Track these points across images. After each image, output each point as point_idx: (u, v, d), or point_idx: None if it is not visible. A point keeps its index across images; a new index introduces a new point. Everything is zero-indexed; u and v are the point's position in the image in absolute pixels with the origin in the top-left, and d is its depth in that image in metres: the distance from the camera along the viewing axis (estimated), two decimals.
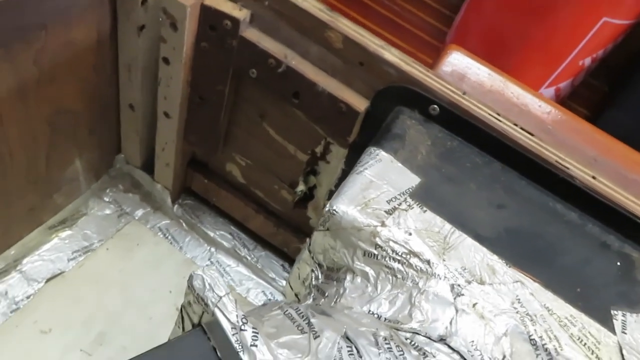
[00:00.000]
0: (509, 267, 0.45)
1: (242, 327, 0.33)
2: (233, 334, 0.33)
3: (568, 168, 0.50)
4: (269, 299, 0.81)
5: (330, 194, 0.67)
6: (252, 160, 0.75)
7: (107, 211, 0.83)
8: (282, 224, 0.80)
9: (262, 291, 0.82)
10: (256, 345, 0.33)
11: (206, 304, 0.34)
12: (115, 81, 0.70)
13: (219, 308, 0.34)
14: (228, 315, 0.34)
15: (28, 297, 0.72)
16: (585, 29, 1.06)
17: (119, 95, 0.72)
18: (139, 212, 0.85)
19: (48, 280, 0.74)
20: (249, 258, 0.84)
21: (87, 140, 0.73)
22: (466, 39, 1.28)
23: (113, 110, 0.74)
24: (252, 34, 0.58)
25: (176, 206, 0.85)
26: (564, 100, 1.30)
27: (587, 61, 1.14)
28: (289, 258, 0.84)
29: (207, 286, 0.35)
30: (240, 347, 0.33)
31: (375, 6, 1.44)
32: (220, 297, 0.34)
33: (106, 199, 0.84)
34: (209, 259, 0.83)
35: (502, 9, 1.18)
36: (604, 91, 1.36)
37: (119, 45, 0.65)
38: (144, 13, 0.61)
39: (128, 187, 0.86)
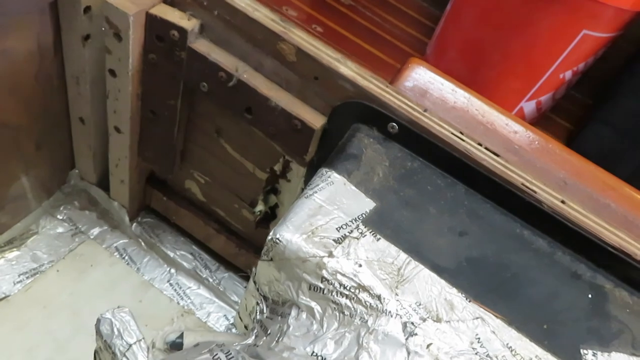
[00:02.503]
0: (469, 301, 0.41)
1: None
2: None
3: (535, 192, 0.46)
4: (231, 324, 0.77)
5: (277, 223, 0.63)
6: (211, 177, 0.71)
7: (60, 229, 0.78)
8: (244, 245, 0.75)
9: (224, 315, 0.77)
10: None
11: (114, 353, 0.30)
12: (63, 93, 0.66)
13: (127, 358, 0.30)
14: None
15: None
16: (565, 42, 1.03)
17: (68, 108, 0.68)
18: (95, 231, 0.80)
19: None
20: (210, 280, 0.79)
21: (34, 156, 0.68)
22: (446, 51, 1.25)
23: (63, 124, 0.69)
24: (202, 46, 0.54)
25: (134, 224, 0.81)
26: (546, 114, 1.27)
27: (568, 74, 1.11)
28: None
29: (116, 332, 0.30)
30: None
31: (354, 17, 1.41)
32: (130, 346, 0.30)
33: (59, 217, 0.79)
34: (168, 281, 0.78)
35: (481, 21, 1.15)
36: (587, 104, 1.34)
37: (65, 56, 0.61)
38: (88, 22, 0.57)
39: (84, 204, 0.81)
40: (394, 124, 0.49)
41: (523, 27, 1.05)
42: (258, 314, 0.44)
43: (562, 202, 0.46)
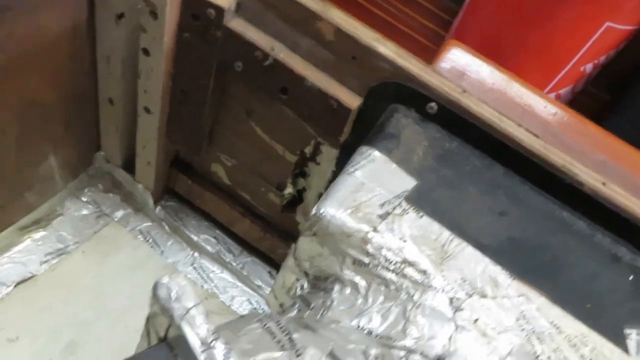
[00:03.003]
0: (513, 279, 0.41)
1: (212, 344, 0.29)
2: (202, 351, 0.29)
3: (576, 173, 0.46)
4: (254, 308, 0.77)
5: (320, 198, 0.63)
6: (238, 160, 0.71)
7: (85, 212, 0.79)
8: (269, 229, 0.75)
9: (248, 299, 0.78)
10: None
11: (172, 317, 0.30)
12: (93, 74, 0.66)
13: (186, 321, 0.30)
14: (196, 330, 0.29)
15: None
16: (588, 34, 1.03)
17: (97, 88, 0.68)
18: (119, 214, 0.80)
19: (18, 284, 0.70)
20: (234, 264, 0.79)
21: (62, 136, 0.68)
22: (464, 42, 1.25)
23: (91, 105, 0.69)
24: (238, 25, 0.54)
25: (158, 208, 0.81)
26: None
27: (589, 67, 1.11)
28: (276, 264, 0.79)
29: (174, 296, 0.30)
30: None
31: (372, 8, 1.40)
32: (188, 309, 0.30)
33: (84, 199, 0.79)
34: (192, 265, 0.79)
35: (500, 13, 1.15)
36: (605, 99, 1.33)
37: (97, 35, 0.61)
38: (122, 0, 0.57)
39: (108, 186, 0.81)
40: (433, 104, 0.49)
41: (544, 19, 1.05)
42: (298, 289, 0.44)
43: (603, 184, 0.46)
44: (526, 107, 0.50)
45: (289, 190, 0.66)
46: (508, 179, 0.48)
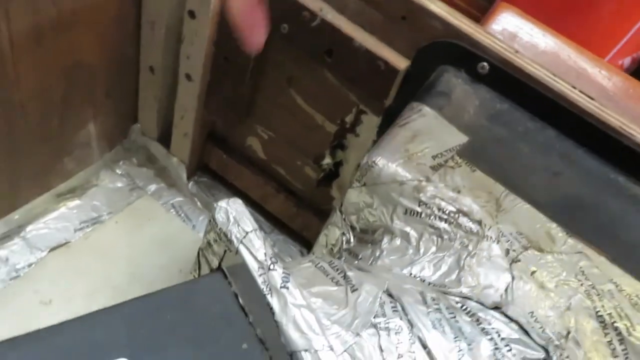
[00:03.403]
0: (570, 237, 0.40)
1: (271, 267, 0.28)
2: (260, 275, 0.28)
3: (634, 135, 0.45)
4: None
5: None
6: (275, 133, 0.71)
7: (119, 184, 0.79)
8: (303, 205, 0.74)
9: None
10: (287, 288, 0.28)
11: (229, 240, 0.29)
12: (136, 40, 0.66)
13: (244, 244, 0.29)
14: (255, 253, 0.29)
15: (29, 266, 0.68)
16: (629, 25, 1.01)
17: (139, 57, 0.68)
18: (152, 187, 0.80)
19: (52, 249, 0.70)
20: None
21: (103, 103, 0.68)
22: None
23: (132, 73, 0.70)
24: None
25: (191, 183, 0.81)
26: None
27: (627, 61, 1.09)
28: (308, 243, 0.78)
29: (232, 219, 0.30)
30: (267, 289, 0.28)
31: None
32: (247, 233, 0.29)
33: (118, 172, 0.79)
34: None
35: (536, 6, 1.13)
36: None
37: None
38: None
39: (142, 161, 0.81)
40: (485, 63, 0.48)
41: (583, 10, 1.03)
42: (344, 243, 0.43)
43: None
44: (580, 70, 0.49)
45: (327, 160, 0.65)
46: (561, 141, 0.46)
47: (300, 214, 0.75)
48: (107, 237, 0.73)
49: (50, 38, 0.54)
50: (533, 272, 0.37)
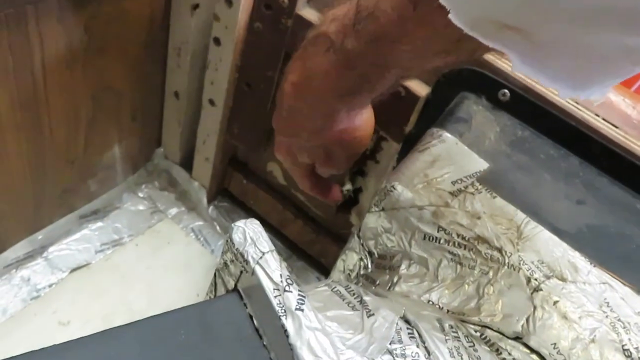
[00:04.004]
0: (594, 266, 0.38)
1: (287, 288, 0.28)
2: (275, 296, 0.28)
3: None
4: None
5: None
6: None
7: (141, 207, 0.80)
8: (321, 231, 0.74)
9: None
10: (302, 310, 0.27)
11: (246, 261, 0.29)
12: (163, 66, 0.68)
13: (260, 265, 0.29)
14: (270, 274, 0.29)
15: (50, 286, 0.68)
16: None
17: (164, 82, 0.70)
18: (173, 211, 0.81)
19: (73, 270, 0.71)
20: None
21: (128, 126, 0.70)
22: None
23: (157, 98, 0.72)
24: (309, 13, 0.55)
25: (211, 207, 0.81)
26: None
27: None
28: (325, 270, 0.78)
29: (249, 240, 0.30)
30: (282, 310, 0.27)
31: None
32: (263, 254, 0.29)
33: (140, 195, 0.81)
34: None
35: None
36: None
37: (171, 25, 0.63)
38: None
39: (164, 184, 0.82)
40: (506, 90, 0.48)
41: None
42: (362, 269, 0.43)
43: None
44: (604, 98, 0.48)
45: (347, 187, 0.65)
46: (585, 169, 0.46)
47: (318, 240, 0.75)
48: (127, 260, 0.74)
49: (81, 63, 0.56)
50: (555, 302, 0.36)
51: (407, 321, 0.32)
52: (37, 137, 0.57)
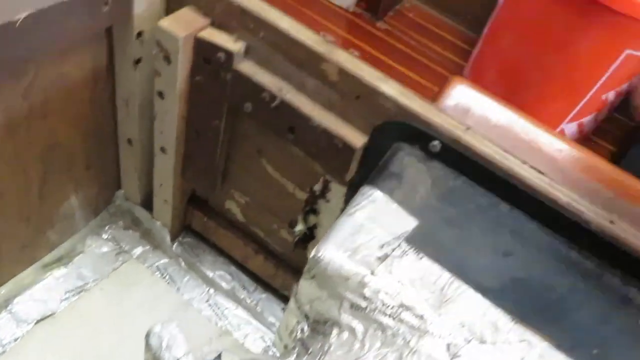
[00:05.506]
0: (515, 323, 0.40)
1: None
2: None
3: (582, 211, 0.45)
4: (268, 346, 0.76)
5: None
6: (251, 198, 0.72)
7: (105, 249, 0.81)
8: (282, 265, 0.76)
9: (261, 337, 0.77)
10: None
11: None
12: (113, 116, 0.68)
13: None
14: None
15: (16, 340, 0.69)
16: (608, 62, 1.01)
17: (117, 130, 0.70)
18: (138, 250, 0.82)
19: (38, 321, 0.71)
20: (248, 300, 0.79)
21: (83, 176, 0.71)
22: (483, 73, 1.25)
23: (111, 146, 0.72)
24: (247, 67, 0.56)
25: (175, 244, 0.82)
26: (588, 136, 1.25)
27: (611, 95, 1.09)
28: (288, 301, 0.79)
29: (164, 345, 0.31)
30: None
31: (391, 41, 1.42)
32: (178, 359, 0.30)
33: (105, 236, 0.81)
34: (207, 301, 0.79)
35: (519, 43, 1.15)
36: (631, 126, 1.30)
37: (116, 80, 0.64)
38: (139, 46, 0.59)
39: (128, 223, 0.83)
40: (436, 142, 0.49)
41: (563, 47, 1.04)
42: (299, 332, 0.44)
43: (611, 222, 0.45)
44: (532, 143, 0.50)
45: (299, 227, 0.66)
46: (513, 217, 0.47)
47: (279, 275, 0.76)
48: (93, 305, 0.75)
49: (23, 128, 0.57)
50: None
51: None
52: None
